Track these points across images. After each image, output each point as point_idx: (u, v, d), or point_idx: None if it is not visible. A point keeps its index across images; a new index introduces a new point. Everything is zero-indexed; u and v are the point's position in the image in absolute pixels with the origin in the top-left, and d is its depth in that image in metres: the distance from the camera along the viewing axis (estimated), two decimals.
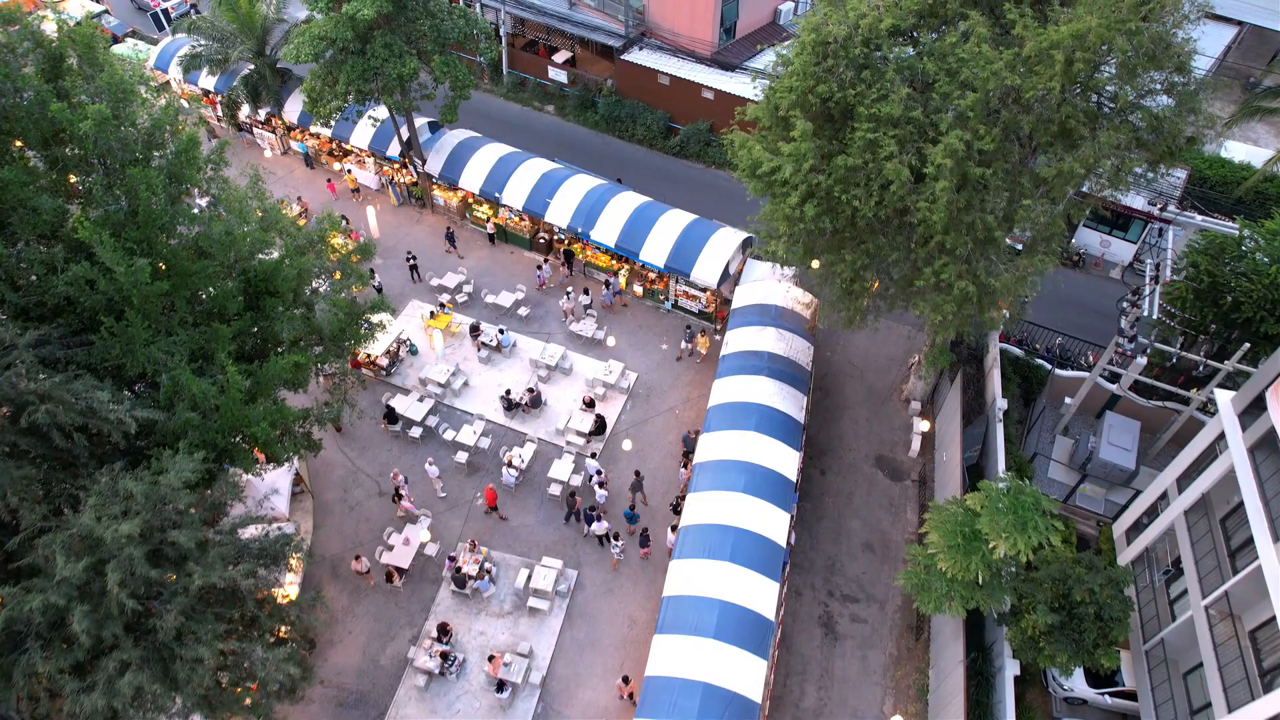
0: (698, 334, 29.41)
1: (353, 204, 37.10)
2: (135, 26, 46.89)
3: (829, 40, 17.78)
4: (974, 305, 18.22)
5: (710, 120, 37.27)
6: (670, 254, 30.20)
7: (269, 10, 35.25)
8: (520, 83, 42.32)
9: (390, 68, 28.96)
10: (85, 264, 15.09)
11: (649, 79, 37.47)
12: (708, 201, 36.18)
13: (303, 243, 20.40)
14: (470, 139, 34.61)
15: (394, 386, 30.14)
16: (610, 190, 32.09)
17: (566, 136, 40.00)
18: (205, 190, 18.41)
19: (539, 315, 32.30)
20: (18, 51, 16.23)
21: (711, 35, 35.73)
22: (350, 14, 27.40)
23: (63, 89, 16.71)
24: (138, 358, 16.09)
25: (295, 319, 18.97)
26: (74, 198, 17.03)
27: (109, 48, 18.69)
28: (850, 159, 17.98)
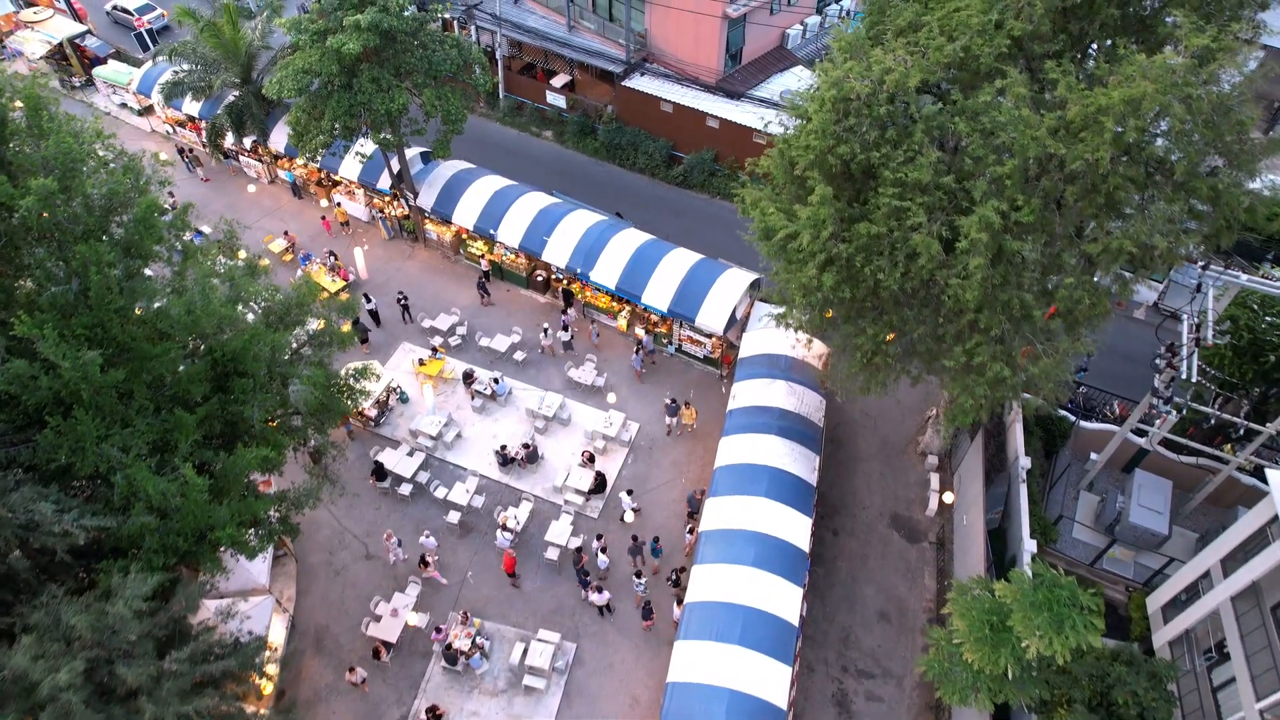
0: (683, 405, 27.66)
1: (343, 237, 35.56)
2: (121, 46, 45.35)
3: (851, 97, 16.21)
4: (1008, 388, 16.67)
5: (715, 150, 35.72)
6: (674, 298, 28.65)
7: (254, 36, 33.74)
8: (517, 107, 40.76)
9: (378, 103, 27.42)
10: (22, 362, 13.53)
11: (651, 106, 35.93)
12: (712, 234, 34.62)
13: (278, 310, 18.86)
14: (464, 171, 33.07)
15: (383, 438, 28.59)
16: (611, 228, 30.54)
17: (565, 164, 38.45)
18: (167, 260, 16.83)
19: (536, 360, 30.75)
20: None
21: (716, 61, 34.17)
22: (335, 47, 25.87)
23: (3, 156, 15.15)
24: (88, 456, 14.54)
25: (268, 398, 17.42)
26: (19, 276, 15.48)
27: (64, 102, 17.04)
28: (874, 226, 16.44)
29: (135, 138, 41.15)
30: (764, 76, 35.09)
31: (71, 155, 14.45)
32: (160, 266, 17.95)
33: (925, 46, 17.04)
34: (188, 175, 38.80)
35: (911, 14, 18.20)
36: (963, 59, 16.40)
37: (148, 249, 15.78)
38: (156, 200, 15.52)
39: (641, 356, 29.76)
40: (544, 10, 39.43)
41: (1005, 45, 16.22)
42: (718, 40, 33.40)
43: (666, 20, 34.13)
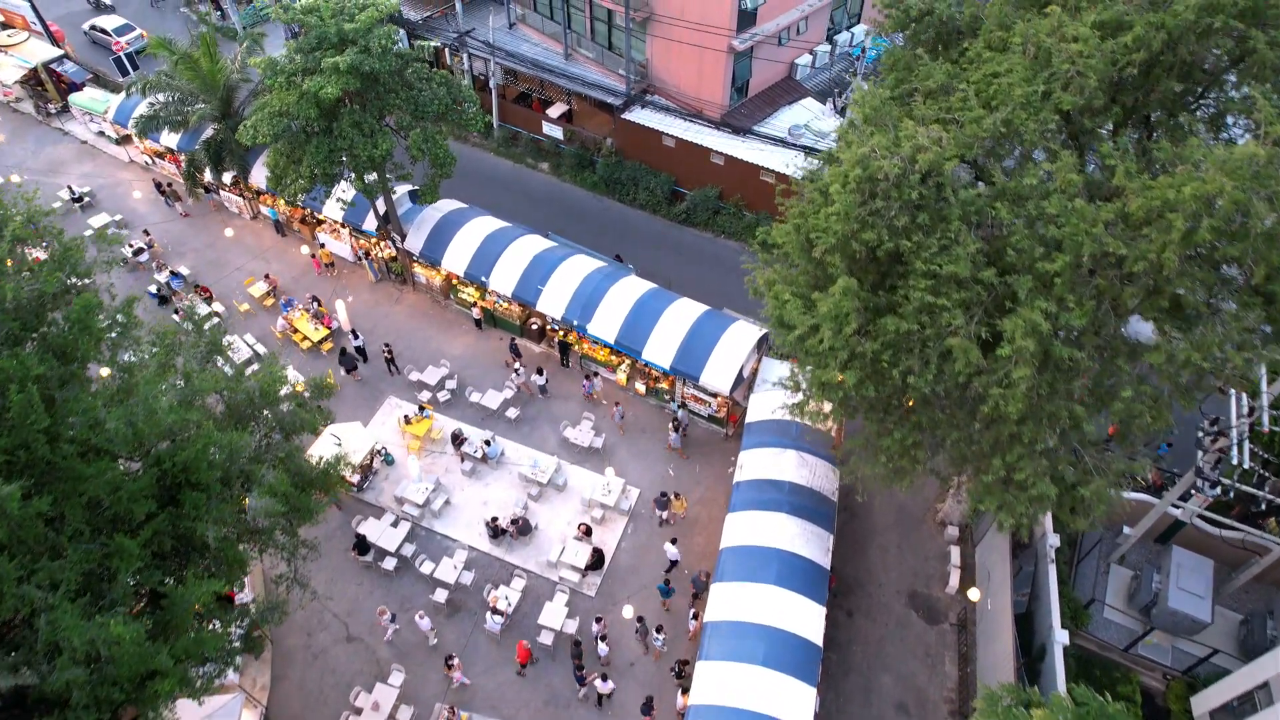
0: (672, 497, 25.74)
1: (328, 279, 33.73)
2: (100, 70, 43.50)
3: (879, 177, 14.35)
4: (1053, 505, 14.84)
5: (719, 187, 33.87)
6: (677, 354, 26.80)
7: (233, 68, 31.89)
8: (512, 137, 38.89)
9: (360, 149, 25.56)
10: None
11: (652, 139, 34.08)
12: (715, 276, 32.76)
13: (240, 405, 17.02)
14: (455, 212, 31.21)
15: (366, 505, 26.75)
16: (610, 276, 28.69)
17: (562, 198, 36.60)
18: (110, 361, 14.97)
19: (530, 417, 28.90)
20: None
21: (721, 95, 32.32)
22: (313, 91, 24.02)
23: None
24: (6, 600, 12.70)
25: (225, 509, 15.57)
26: None
27: None
28: (903, 323, 14.58)
29: (113, 168, 39.38)
30: (772, 110, 33.22)
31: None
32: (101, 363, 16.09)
33: (960, 115, 15.19)
34: (167, 210, 36.98)
35: (943, 75, 16.35)
36: (1004, 134, 14.54)
37: (85, 352, 13.92)
38: (93, 298, 13.66)
39: (681, 435, 27.44)
40: (540, 37, 37.58)
41: (1053, 120, 14.37)
42: (723, 74, 31.55)
43: (669, 52, 32.29)
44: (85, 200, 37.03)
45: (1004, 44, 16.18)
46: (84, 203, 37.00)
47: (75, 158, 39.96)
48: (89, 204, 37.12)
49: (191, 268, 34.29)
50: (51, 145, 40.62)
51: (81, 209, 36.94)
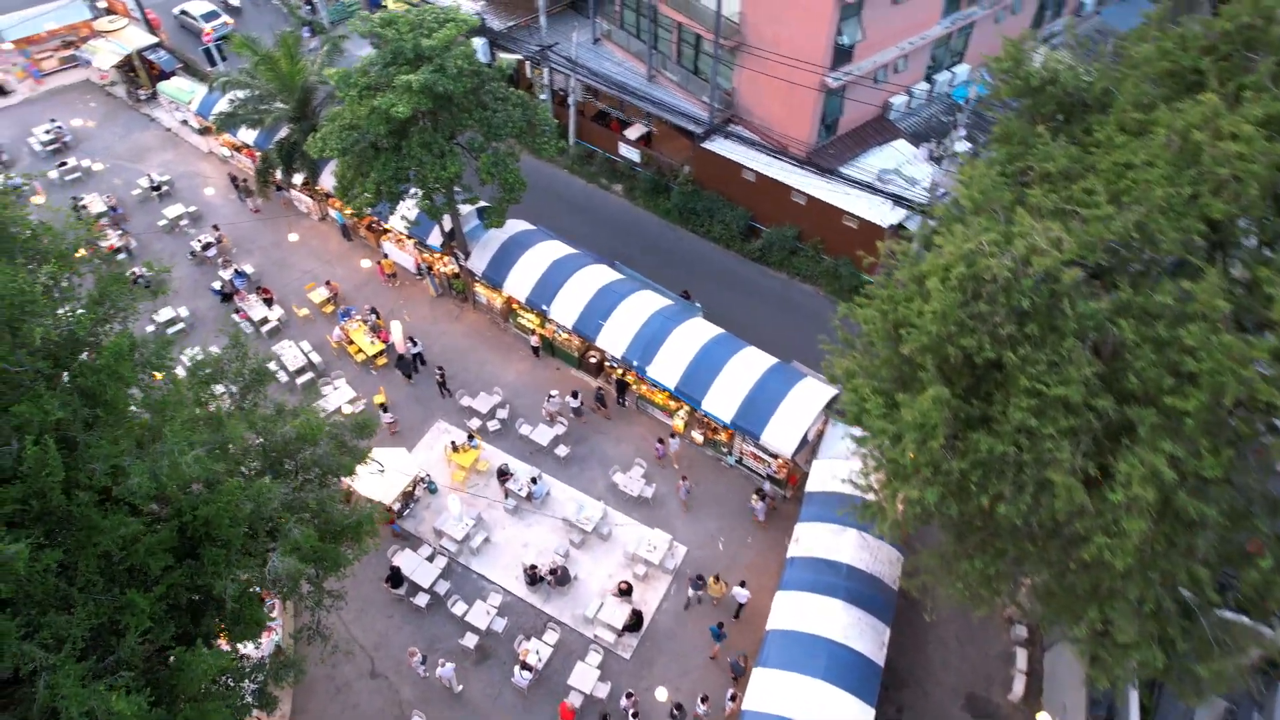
0: (710, 580, 24.09)
1: (390, 290, 33.14)
2: (191, 58, 43.89)
3: (986, 278, 12.67)
4: (1158, 674, 12.96)
5: (798, 227, 32.17)
6: (739, 409, 25.29)
7: (312, 69, 31.47)
8: (588, 156, 37.79)
9: (428, 169, 24.72)
10: None
11: (731, 171, 32.57)
12: (787, 322, 31.12)
13: (276, 449, 16.18)
14: (522, 234, 30.20)
15: (405, 534, 25.95)
16: (675, 316, 27.30)
17: (633, 224, 35.35)
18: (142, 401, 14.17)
19: (580, 456, 27.73)
20: None
21: (809, 132, 30.62)
22: (384, 107, 23.23)
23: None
24: (6, 657, 11.98)
25: (248, 563, 14.73)
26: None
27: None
28: (998, 443, 12.87)
29: (193, 158, 39.59)
30: (861, 150, 31.38)
31: (22, 295, 11.86)
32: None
33: (1083, 210, 13.38)
34: (238, 205, 36.93)
35: (1065, 159, 14.52)
36: (1136, 239, 12.70)
37: (116, 394, 13.15)
38: (124, 343, 12.83)
39: (766, 505, 25.57)
40: (624, 55, 36.37)
41: (1198, 229, 12.48)
42: (812, 111, 29.85)
43: (757, 82, 30.73)
44: (163, 189, 37.23)
45: (1141, 128, 14.27)
46: (162, 192, 37.20)
47: (159, 145, 40.32)
48: (166, 193, 37.30)
49: (256, 266, 34.09)
50: (139, 131, 41.07)
51: (159, 198, 37.16)
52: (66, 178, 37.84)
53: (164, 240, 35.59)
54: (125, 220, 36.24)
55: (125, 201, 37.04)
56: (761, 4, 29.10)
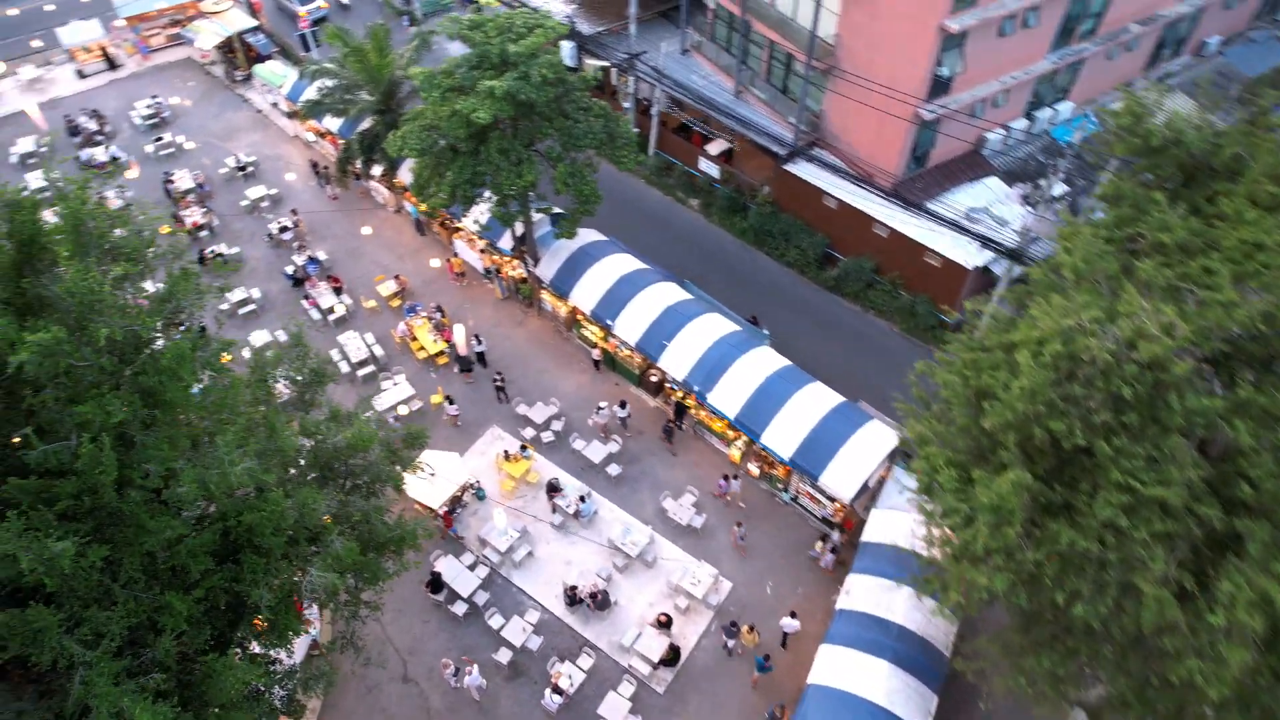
0: (744, 628, 23.14)
1: (457, 289, 33.11)
2: (288, 42, 44.77)
3: (1084, 359, 11.65)
4: None
5: (878, 260, 31.04)
6: (800, 446, 24.42)
7: (400, 63, 31.58)
8: (666, 167, 37.20)
9: (504, 177, 24.46)
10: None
11: (812, 196, 31.60)
12: (857, 357, 30.08)
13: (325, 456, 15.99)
14: (593, 245, 29.75)
15: (449, 539, 25.80)
16: (741, 344, 26.53)
17: (707, 241, 34.64)
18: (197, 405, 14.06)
19: (632, 477, 27.19)
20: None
21: (897, 164, 29.46)
22: (466, 112, 23.02)
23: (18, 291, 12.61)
24: (47, 650, 12.01)
25: (286, 571, 14.56)
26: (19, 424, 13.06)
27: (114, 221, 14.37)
28: (1080, 538, 11.84)
29: (279, 141, 40.30)
30: (950, 185, 30.07)
31: (92, 295, 11.79)
32: None
33: (1201, 290, 12.23)
34: (318, 191, 37.43)
35: (1183, 230, 13.33)
36: (1262, 330, 11.52)
37: (173, 397, 13.06)
38: (186, 347, 12.71)
39: (833, 557, 24.54)
40: (712, 68, 35.66)
41: None
42: (903, 142, 28.70)
43: (847, 108, 29.69)
44: (248, 170, 37.97)
45: (1276, 203, 13.01)
46: (247, 172, 37.94)
47: (249, 126, 41.17)
48: (251, 174, 38.03)
49: (329, 254, 34.45)
50: (232, 111, 42.02)
51: (244, 178, 37.90)
52: (161, 153, 38.90)
53: (244, 220, 36.26)
54: (210, 198, 37.04)
55: (212, 179, 37.88)
56: (859, 28, 28.07)
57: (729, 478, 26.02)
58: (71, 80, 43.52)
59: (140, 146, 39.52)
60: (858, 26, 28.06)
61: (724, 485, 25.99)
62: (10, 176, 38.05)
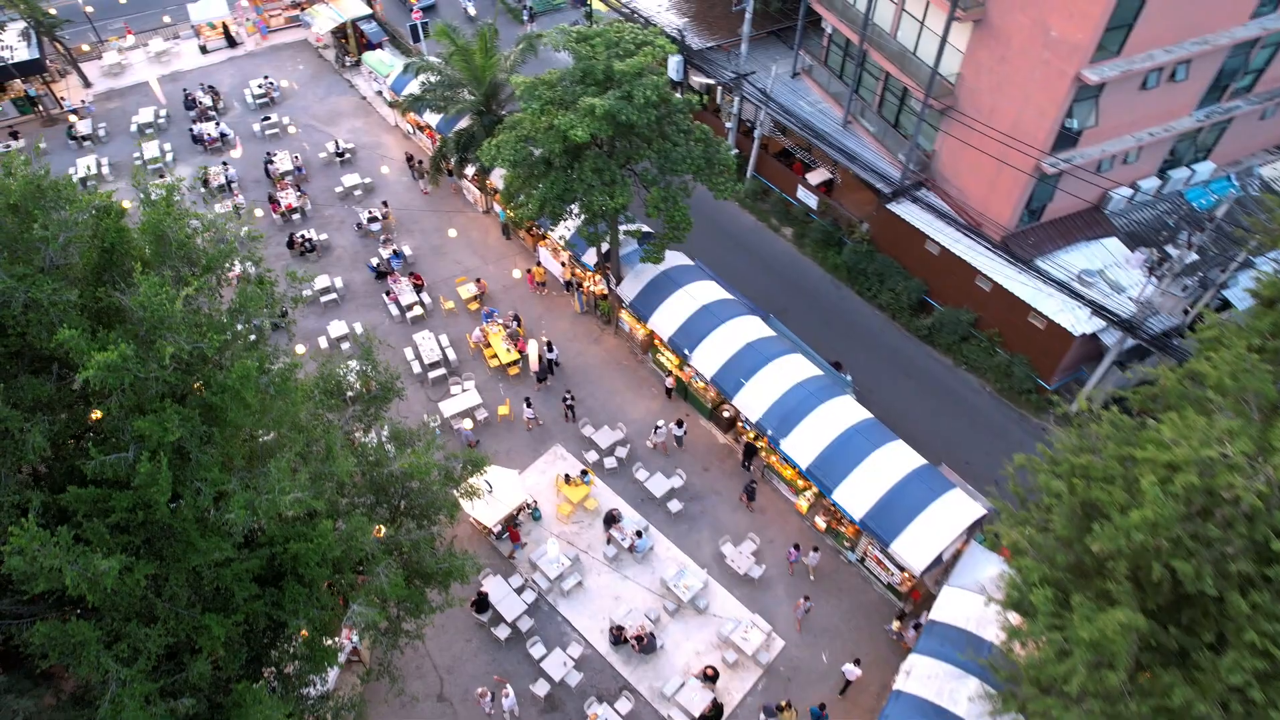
0: (782, 708, 21.46)
1: (536, 298, 32.66)
2: (399, 31, 45.23)
3: (1224, 496, 10.19)
4: None
5: (977, 314, 29.26)
6: (873, 508, 23.05)
7: (505, 65, 31.25)
8: (762, 192, 36.04)
9: (595, 196, 23.77)
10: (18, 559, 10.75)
11: (914, 239, 29.99)
12: (944, 413, 28.44)
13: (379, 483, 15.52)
14: (677, 270, 28.82)
15: (498, 556, 25.32)
16: (821, 391, 25.24)
17: (797, 273, 33.35)
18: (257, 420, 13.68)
19: (692, 515, 26.22)
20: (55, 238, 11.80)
21: (1009, 216, 27.65)
22: (563, 129, 22.39)
23: (91, 302, 12.34)
24: (85, 665, 11.80)
25: (327, 602, 14.13)
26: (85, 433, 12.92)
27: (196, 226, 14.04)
28: (1199, 700, 10.38)
29: (379, 129, 40.64)
30: (1064, 243, 28.09)
31: (162, 309, 11.48)
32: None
33: None
34: (410, 184, 37.54)
35: None
36: None
37: (234, 417, 12.70)
38: (251, 368, 12.30)
39: (911, 633, 23.00)
40: (821, 94, 34.31)
41: None
42: (1019, 194, 26.89)
43: (961, 151, 28.02)
44: (345, 156, 38.36)
45: None
46: (344, 158, 38.34)
47: (352, 111, 41.66)
48: (348, 160, 38.42)
49: (414, 249, 34.46)
50: (337, 96, 42.62)
51: (341, 164, 38.32)
52: (266, 132, 39.67)
53: (336, 207, 36.62)
54: (306, 181, 37.56)
55: (310, 163, 38.41)
56: (985, 69, 26.39)
57: (801, 546, 24.52)
58: (194, 55, 44.88)
59: (248, 124, 40.42)
60: (983, 67, 26.39)
61: (794, 555, 24.52)
62: (128, 145, 39.40)
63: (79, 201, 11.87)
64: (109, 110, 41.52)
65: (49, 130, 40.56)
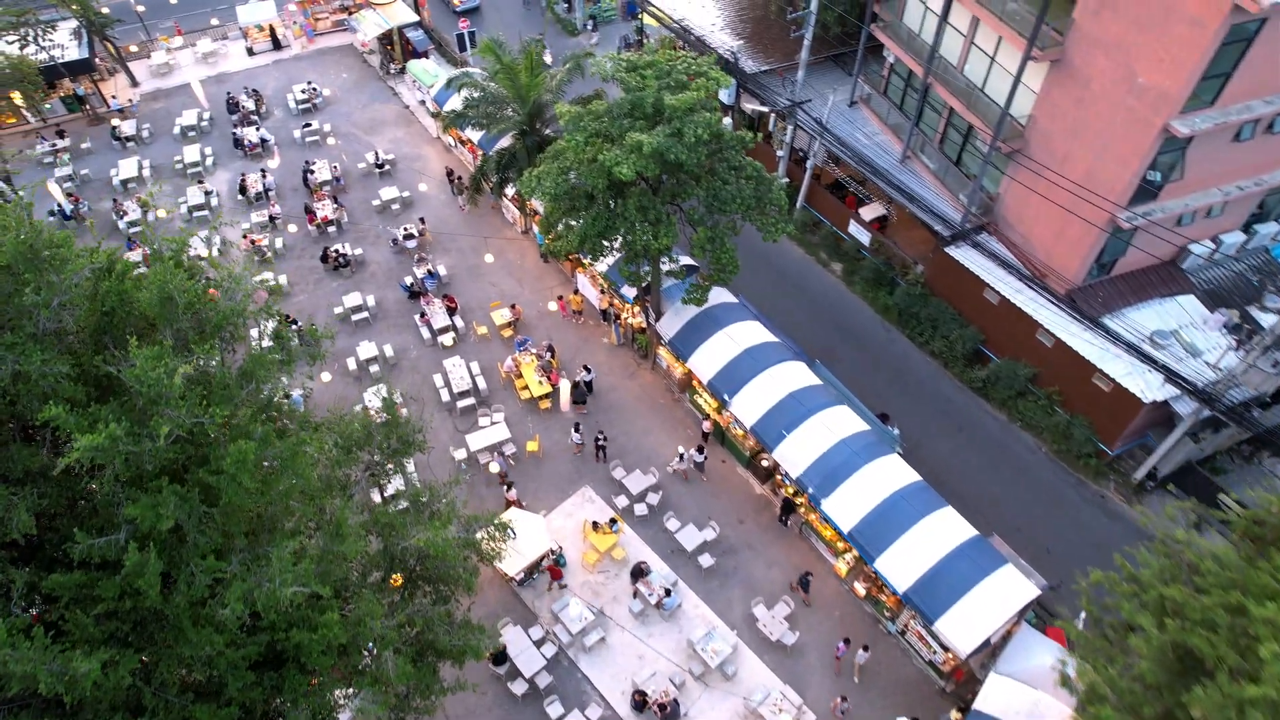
0: None
1: (572, 326, 31.54)
2: (445, 38, 44.45)
3: None
4: None
5: (1036, 369, 27.53)
6: (918, 581, 21.57)
7: (551, 84, 30.18)
8: (812, 224, 34.55)
9: (638, 235, 22.57)
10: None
11: (971, 285, 28.33)
12: (996, 474, 26.82)
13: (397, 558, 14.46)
14: (720, 308, 27.42)
15: (519, 604, 24.25)
16: (867, 450, 23.76)
17: (845, 312, 31.84)
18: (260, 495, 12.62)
19: (725, 571, 24.91)
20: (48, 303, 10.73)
21: (1077, 269, 25.91)
22: (608, 165, 21.21)
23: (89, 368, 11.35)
24: None
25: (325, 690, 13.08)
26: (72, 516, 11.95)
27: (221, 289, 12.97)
28: None
29: (420, 140, 39.85)
30: (1136, 300, 26.25)
31: (159, 386, 10.49)
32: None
33: None
34: (449, 200, 36.66)
35: None
36: None
37: (231, 501, 11.66)
38: (249, 450, 11.20)
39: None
40: (880, 125, 32.75)
41: None
42: (1089, 246, 25.15)
43: (1028, 197, 26.31)
44: (385, 168, 37.60)
45: None
46: (383, 170, 37.59)
47: (393, 121, 40.92)
48: (387, 172, 37.66)
49: (449, 269, 33.55)
50: (380, 103, 41.92)
51: (379, 175, 37.58)
52: (306, 139, 39.07)
53: (373, 219, 35.88)
54: (344, 192, 36.87)
55: (349, 173, 37.73)
56: (1060, 113, 24.68)
57: (849, 642, 22.74)
58: (241, 56, 44.52)
59: (289, 130, 39.87)
60: (1059, 110, 24.68)
61: (842, 650, 22.84)
62: (171, 147, 39.09)
63: (76, 262, 10.90)
64: (154, 110, 41.25)
65: (94, 129, 40.38)
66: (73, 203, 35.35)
